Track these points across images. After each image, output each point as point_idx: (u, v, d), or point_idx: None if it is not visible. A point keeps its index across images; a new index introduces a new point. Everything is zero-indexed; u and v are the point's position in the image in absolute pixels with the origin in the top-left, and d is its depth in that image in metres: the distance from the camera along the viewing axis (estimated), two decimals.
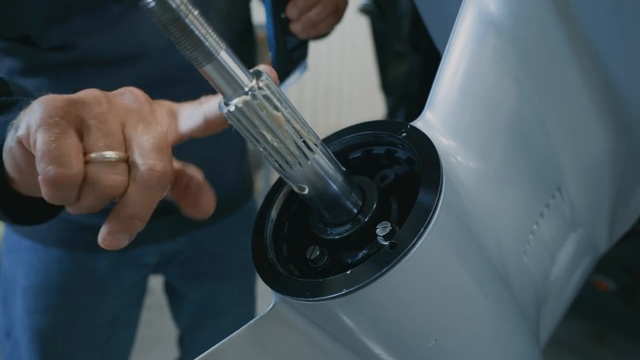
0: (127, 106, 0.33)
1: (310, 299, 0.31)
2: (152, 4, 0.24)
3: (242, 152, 0.91)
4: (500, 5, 0.39)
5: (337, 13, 0.71)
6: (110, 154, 0.30)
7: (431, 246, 0.30)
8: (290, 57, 0.73)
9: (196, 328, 0.97)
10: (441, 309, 0.34)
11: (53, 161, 0.28)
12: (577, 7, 0.42)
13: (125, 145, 0.31)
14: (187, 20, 0.25)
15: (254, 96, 0.27)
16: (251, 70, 0.29)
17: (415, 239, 0.29)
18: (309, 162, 0.31)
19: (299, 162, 0.31)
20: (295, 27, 0.69)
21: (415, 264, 0.29)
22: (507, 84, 0.41)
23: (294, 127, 0.30)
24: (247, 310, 1.01)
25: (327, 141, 0.40)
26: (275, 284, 0.33)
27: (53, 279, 0.79)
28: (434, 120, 0.39)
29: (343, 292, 0.29)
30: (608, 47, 0.42)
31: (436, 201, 0.30)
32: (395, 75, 1.96)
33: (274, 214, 0.39)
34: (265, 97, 0.28)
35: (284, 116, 0.29)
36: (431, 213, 0.30)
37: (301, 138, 0.30)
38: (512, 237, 0.44)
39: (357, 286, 0.29)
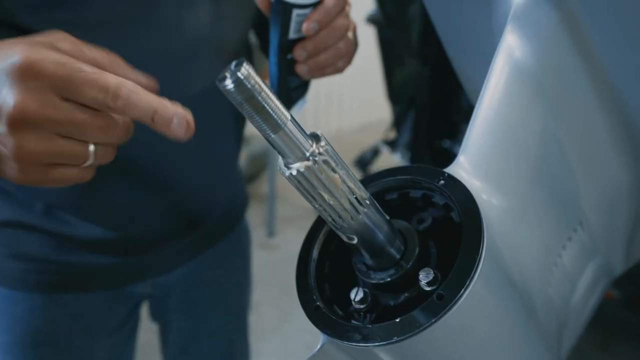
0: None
1: (361, 344, 0.33)
2: (230, 85, 0.26)
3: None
4: (528, 53, 0.41)
5: (347, 57, 0.68)
6: None
7: (476, 296, 0.32)
8: (290, 96, 0.71)
9: (186, 351, 0.92)
10: (481, 348, 0.36)
11: None
12: (597, 49, 0.44)
13: None
14: (259, 98, 0.27)
15: (315, 161, 0.30)
16: (309, 133, 0.31)
17: (463, 290, 0.31)
18: (360, 216, 0.33)
19: (351, 217, 0.33)
20: (301, 69, 0.65)
21: (461, 314, 0.32)
22: (534, 127, 0.43)
23: (347, 186, 0.32)
24: (240, 332, 0.98)
25: (366, 182, 0.42)
26: (326, 328, 0.35)
27: (39, 329, 0.73)
28: (467, 165, 0.41)
29: (394, 340, 0.32)
30: (628, 88, 0.44)
31: (480, 254, 0.32)
32: (400, 82, 1.99)
33: (315, 253, 0.41)
34: (325, 161, 0.30)
35: (340, 177, 0.31)
36: (476, 265, 0.32)
37: (353, 195, 0.32)
38: (538, 271, 0.46)
39: (408, 335, 0.31)
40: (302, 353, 2.15)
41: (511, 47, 0.40)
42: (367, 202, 0.33)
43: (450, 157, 1.73)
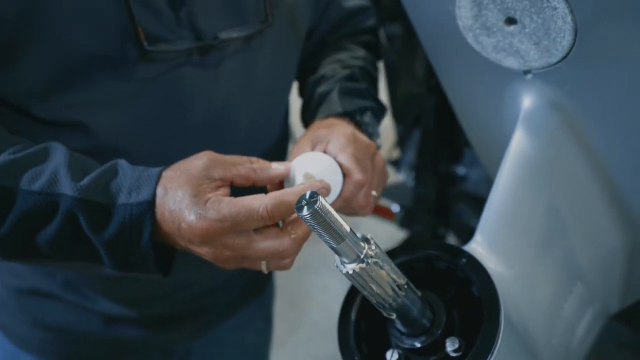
0: None
1: None
2: (308, 215, 0.33)
3: None
4: (535, 148, 0.49)
5: (367, 208, 0.60)
6: None
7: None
8: None
9: None
10: None
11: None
12: (593, 143, 0.51)
13: None
14: (329, 221, 0.34)
15: (367, 263, 0.37)
16: (360, 236, 0.38)
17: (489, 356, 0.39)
18: (399, 299, 0.40)
19: (392, 299, 0.40)
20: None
21: None
22: (539, 208, 0.50)
23: (391, 277, 0.39)
24: None
25: (396, 253, 0.49)
26: None
27: None
28: (483, 242, 0.49)
29: None
30: (620, 175, 0.52)
31: (499, 331, 0.40)
32: (403, 103, 2.05)
33: (353, 316, 0.49)
34: (375, 262, 0.37)
35: (386, 272, 0.38)
36: (496, 340, 0.39)
37: (395, 283, 0.40)
38: (544, 326, 0.54)
39: None
40: None
41: (521, 142, 0.48)
42: (405, 287, 0.41)
43: (453, 179, 1.80)
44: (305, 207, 0.34)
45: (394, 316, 0.42)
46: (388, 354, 0.44)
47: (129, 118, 0.56)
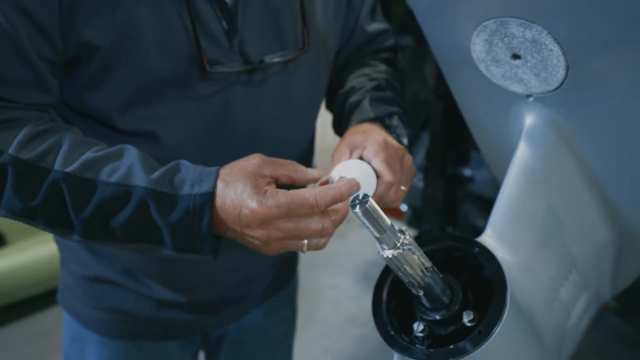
0: None
1: None
2: (359, 212, 0.44)
3: None
4: (536, 159, 0.59)
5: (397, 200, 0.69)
6: None
7: (503, 332, 0.49)
8: None
9: None
10: None
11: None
12: (584, 155, 0.61)
13: None
14: (376, 217, 0.44)
15: (403, 249, 0.47)
16: (397, 229, 0.48)
17: (495, 328, 0.49)
18: (426, 279, 0.51)
19: (421, 279, 0.50)
20: None
21: (494, 345, 0.49)
22: (540, 208, 0.61)
23: (420, 261, 0.49)
24: None
25: (421, 243, 0.59)
26: (401, 350, 0.53)
27: None
28: (493, 235, 0.59)
29: (454, 358, 0.49)
30: (608, 182, 0.62)
31: (505, 305, 0.50)
32: (412, 108, 2.14)
33: (384, 296, 0.59)
34: (409, 249, 0.48)
35: (417, 257, 0.49)
36: (503, 313, 0.49)
37: (424, 265, 0.50)
38: (544, 306, 0.64)
39: (461, 357, 0.49)
40: (320, 356, 2.31)
41: (524, 153, 0.58)
42: (431, 269, 0.51)
43: (460, 180, 1.89)
44: (358, 206, 0.44)
45: (421, 293, 0.52)
46: (415, 325, 0.55)
47: (189, 128, 0.67)
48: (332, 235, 0.58)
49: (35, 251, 2.43)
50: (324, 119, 0.92)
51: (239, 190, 0.55)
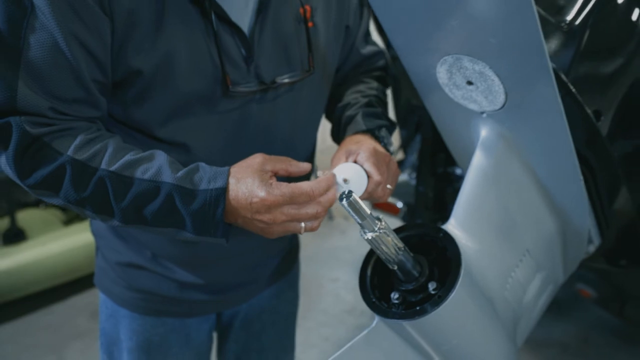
0: None
1: (399, 320, 0.65)
2: (346, 203, 0.59)
3: None
4: (489, 163, 0.74)
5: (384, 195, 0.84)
6: None
7: (459, 296, 0.64)
8: None
9: (239, 359, 1.16)
10: (462, 327, 0.68)
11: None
12: (528, 159, 0.76)
13: None
14: (358, 208, 0.59)
15: (379, 232, 0.62)
16: (375, 216, 0.63)
17: (450, 294, 0.64)
18: (399, 256, 0.65)
19: (395, 256, 0.65)
20: None
21: (449, 305, 0.64)
22: (495, 203, 0.75)
23: (394, 242, 0.64)
24: (287, 351, 1.22)
25: (399, 230, 0.74)
26: (380, 312, 0.68)
27: (152, 340, 1.00)
28: (456, 224, 0.73)
29: (415, 318, 0.64)
30: (545, 179, 0.77)
31: (459, 276, 0.65)
32: (406, 110, 2.26)
33: (369, 272, 0.74)
34: (384, 232, 0.62)
35: (391, 239, 0.63)
36: (457, 282, 0.64)
37: (397, 245, 0.65)
38: (498, 282, 0.78)
39: (422, 315, 0.64)
40: (321, 344, 2.44)
41: (479, 159, 0.73)
42: (403, 249, 0.66)
43: (450, 179, 2.03)
44: (345, 199, 0.59)
45: (395, 267, 0.67)
46: (392, 295, 0.70)
47: (214, 138, 0.81)
48: (323, 218, 0.72)
49: (53, 246, 2.56)
50: (323, 123, 1.07)
51: (249, 184, 0.68)
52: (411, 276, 0.69)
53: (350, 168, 0.78)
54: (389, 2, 0.62)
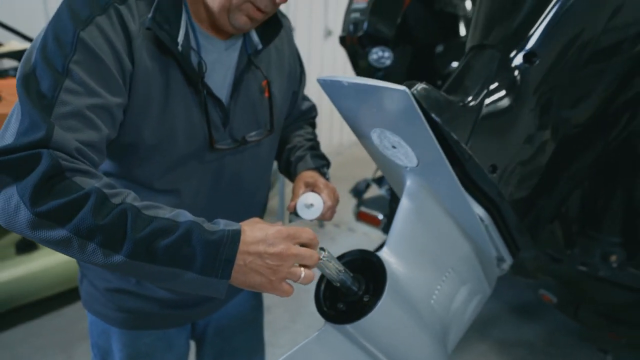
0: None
1: (341, 324, 0.88)
2: (324, 259, 0.82)
3: None
4: (414, 206, 0.97)
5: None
6: None
7: (383, 306, 0.87)
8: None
9: None
10: (391, 327, 0.91)
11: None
12: (443, 202, 0.99)
13: None
14: (330, 265, 0.83)
15: (324, 260, 0.85)
16: (320, 247, 0.86)
17: (377, 302, 0.86)
18: (340, 276, 0.88)
19: (336, 276, 0.88)
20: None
21: (379, 312, 0.86)
22: (420, 235, 0.98)
23: (335, 266, 0.87)
24: (257, 352, 1.43)
25: (344, 255, 0.97)
26: (328, 318, 0.90)
27: (140, 349, 1.17)
28: (389, 252, 0.96)
29: (353, 322, 0.87)
30: (455, 215, 1.00)
31: (384, 289, 0.87)
32: None
33: (322, 289, 0.97)
34: (327, 259, 0.85)
35: (333, 264, 0.86)
36: (384, 294, 0.87)
37: (338, 269, 0.88)
38: (424, 294, 1.01)
39: (357, 320, 0.86)
40: None
41: (405, 202, 0.96)
42: (343, 271, 0.89)
43: None
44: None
45: (338, 285, 0.90)
46: (339, 305, 0.92)
47: (200, 184, 1.05)
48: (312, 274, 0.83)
49: (62, 255, 2.74)
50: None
51: (259, 227, 0.78)
52: (351, 291, 0.91)
53: (312, 196, 1.08)
54: (337, 92, 0.86)
